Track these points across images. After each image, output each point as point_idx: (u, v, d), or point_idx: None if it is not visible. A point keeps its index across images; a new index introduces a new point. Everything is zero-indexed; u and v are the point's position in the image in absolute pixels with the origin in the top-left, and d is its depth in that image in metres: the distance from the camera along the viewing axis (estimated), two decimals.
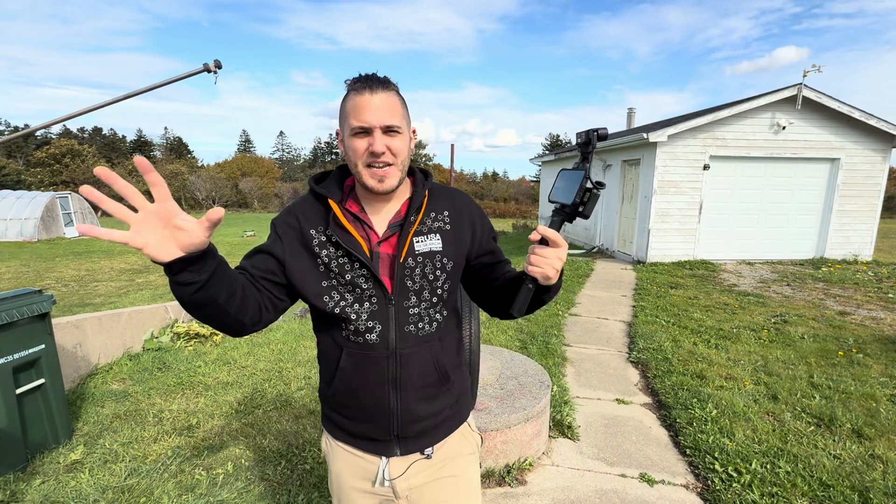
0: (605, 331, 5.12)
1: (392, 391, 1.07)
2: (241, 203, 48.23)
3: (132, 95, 3.62)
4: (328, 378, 1.12)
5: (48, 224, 16.58)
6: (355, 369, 1.06)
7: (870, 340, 4.58)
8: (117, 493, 2.27)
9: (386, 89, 0.99)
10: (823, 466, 2.48)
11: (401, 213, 1.09)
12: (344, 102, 1.02)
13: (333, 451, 1.18)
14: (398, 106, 1.01)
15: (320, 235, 1.05)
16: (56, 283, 8.65)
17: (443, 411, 1.13)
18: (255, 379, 3.63)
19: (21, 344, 2.45)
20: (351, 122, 0.99)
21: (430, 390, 1.10)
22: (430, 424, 1.12)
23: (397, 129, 1.00)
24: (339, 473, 1.16)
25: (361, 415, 1.10)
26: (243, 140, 77.09)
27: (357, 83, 0.99)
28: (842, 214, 9.57)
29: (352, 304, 1.04)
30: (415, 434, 1.10)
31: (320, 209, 1.08)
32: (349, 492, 1.15)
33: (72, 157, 39.16)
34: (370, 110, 0.97)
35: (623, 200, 10.66)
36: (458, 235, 1.11)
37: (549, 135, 65.99)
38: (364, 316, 1.04)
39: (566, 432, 2.90)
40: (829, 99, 8.87)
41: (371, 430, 1.10)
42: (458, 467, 1.17)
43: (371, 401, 1.08)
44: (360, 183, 1.04)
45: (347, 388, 1.09)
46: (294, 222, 1.07)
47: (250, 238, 17.83)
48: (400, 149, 1.01)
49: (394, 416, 1.08)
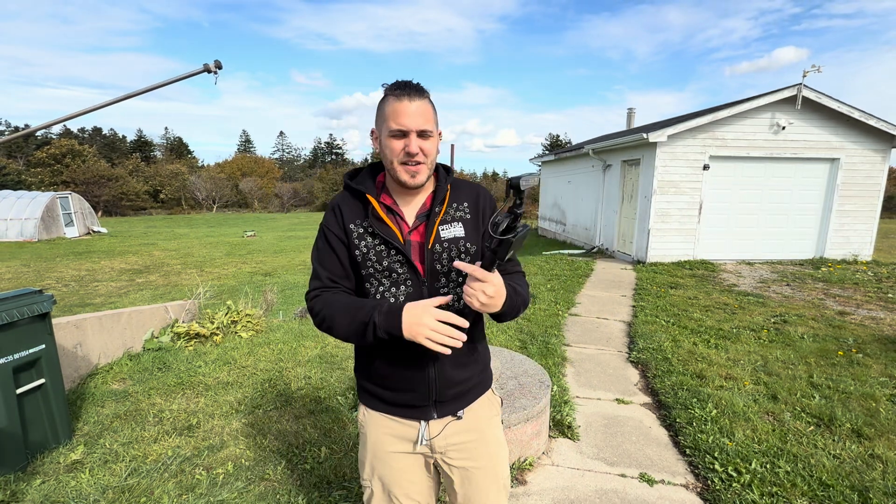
0: (604, 331, 5.12)
1: (430, 363, 1.22)
2: (241, 203, 48.22)
3: (132, 96, 3.63)
4: (370, 355, 1.26)
5: (48, 224, 16.59)
6: (396, 346, 1.17)
7: (869, 340, 4.59)
8: (117, 492, 2.27)
9: (421, 97, 1.14)
10: (823, 466, 2.48)
11: (426, 204, 1.24)
12: (383, 105, 1.16)
13: (372, 421, 1.31)
14: (431, 112, 1.16)
15: (358, 228, 1.20)
16: (56, 283, 8.65)
17: (472, 378, 1.30)
18: (255, 379, 3.63)
19: (21, 344, 2.45)
20: (390, 125, 1.13)
21: (461, 359, 1.26)
22: (462, 389, 1.28)
23: (430, 133, 1.15)
24: (376, 440, 1.29)
25: (403, 385, 1.24)
26: (243, 140, 77.08)
27: (397, 90, 1.13)
28: (841, 214, 9.57)
29: (389, 288, 1.19)
30: (450, 398, 1.26)
31: (358, 204, 1.22)
32: (388, 455, 1.29)
33: (72, 158, 39.13)
34: (408, 115, 1.11)
35: (623, 200, 10.66)
36: (476, 223, 1.25)
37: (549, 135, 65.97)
38: (402, 298, 1.18)
39: (566, 432, 2.90)
40: (829, 99, 8.87)
41: (412, 398, 1.24)
42: (483, 426, 1.33)
43: (411, 373, 1.22)
44: (394, 178, 1.18)
45: (388, 362, 1.23)
46: (339, 218, 1.22)
47: (250, 238, 17.83)
48: (430, 150, 1.16)
49: (432, 384, 1.23)
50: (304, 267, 10.52)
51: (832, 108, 8.94)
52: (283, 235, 18.84)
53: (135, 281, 8.95)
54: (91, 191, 36.55)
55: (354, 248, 1.19)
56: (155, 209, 43.34)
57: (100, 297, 7.41)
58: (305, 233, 19.89)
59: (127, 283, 8.78)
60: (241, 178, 49.64)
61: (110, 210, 39.09)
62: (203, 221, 29.51)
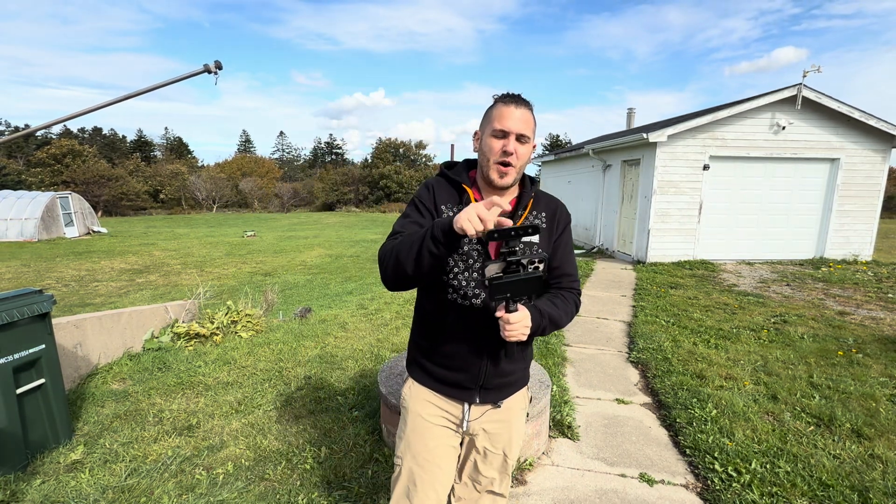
0: (604, 331, 5.12)
1: (485, 348, 1.33)
2: (241, 203, 48.17)
3: (133, 96, 3.63)
4: (434, 334, 1.38)
5: (48, 224, 16.59)
6: (459, 327, 1.32)
7: (869, 340, 4.59)
8: (117, 492, 2.27)
9: (526, 107, 1.27)
10: (823, 466, 2.48)
11: (511, 205, 1.33)
12: (490, 110, 1.30)
13: (417, 395, 1.43)
14: (532, 122, 1.28)
15: (449, 211, 1.31)
16: (56, 283, 8.65)
17: (515, 372, 1.42)
18: (255, 379, 3.63)
19: (21, 344, 2.45)
20: (494, 125, 1.25)
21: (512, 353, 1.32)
22: (506, 381, 1.40)
23: (527, 138, 1.26)
24: (418, 412, 1.41)
25: (457, 364, 1.36)
26: (243, 140, 76.98)
27: (507, 98, 1.27)
28: (841, 214, 9.57)
29: (463, 271, 1.29)
30: (494, 386, 1.38)
31: (452, 192, 1.35)
32: (426, 428, 1.39)
33: (72, 158, 39.12)
34: (512, 119, 1.23)
35: (623, 200, 10.66)
36: (550, 233, 1.36)
37: (549, 135, 65.87)
38: (472, 283, 1.29)
39: (566, 432, 2.90)
40: (829, 99, 8.87)
41: (462, 378, 1.36)
42: (514, 418, 1.47)
43: (468, 353, 1.34)
44: (485, 175, 1.29)
45: (451, 342, 1.35)
46: (430, 197, 1.33)
47: (250, 238, 17.82)
48: (524, 155, 1.27)
49: (483, 368, 1.35)
50: (304, 267, 10.52)
51: (832, 108, 8.94)
52: (283, 235, 18.85)
53: (135, 281, 8.95)
54: (91, 191, 36.53)
55: None
56: (155, 209, 43.32)
57: (100, 297, 7.41)
58: (305, 233, 19.90)
59: (127, 283, 8.78)
60: (241, 178, 49.59)
61: (110, 210, 39.07)
62: (203, 221, 29.51)
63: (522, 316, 1.14)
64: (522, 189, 1.38)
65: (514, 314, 1.13)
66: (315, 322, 5.23)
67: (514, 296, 1.09)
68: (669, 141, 8.92)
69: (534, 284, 1.09)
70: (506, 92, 1.30)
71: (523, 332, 1.14)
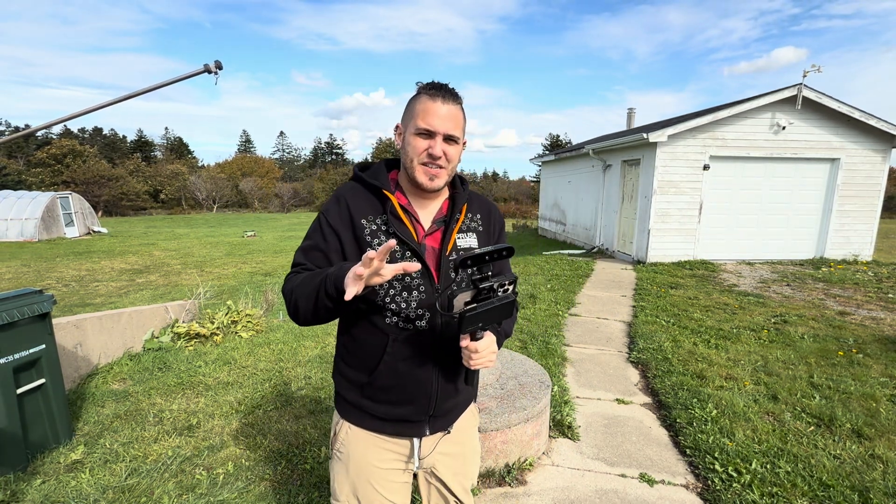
0: (605, 331, 5.12)
1: (434, 372, 1.17)
2: (241, 203, 48.21)
3: (133, 96, 3.63)
4: (370, 366, 1.17)
5: (49, 224, 16.59)
6: (402, 355, 1.14)
7: (870, 340, 4.58)
8: (118, 492, 2.27)
9: (455, 102, 1.11)
10: (823, 466, 2.48)
11: (443, 210, 1.20)
12: (413, 102, 1.12)
13: (356, 440, 1.23)
14: (461, 119, 1.13)
15: (371, 224, 1.12)
16: (56, 283, 8.65)
17: (464, 390, 1.28)
18: (255, 379, 3.63)
19: (22, 344, 2.45)
20: (418, 123, 1.09)
21: (459, 370, 1.20)
22: (456, 403, 1.26)
23: (457, 139, 1.12)
24: (360, 459, 1.22)
25: (403, 397, 1.18)
26: (244, 140, 77.01)
27: (432, 89, 1.10)
28: (842, 214, 9.56)
29: (400, 292, 1.11)
30: (444, 412, 1.23)
31: (372, 199, 1.15)
32: (375, 471, 1.22)
33: (73, 158, 39.15)
34: (438, 117, 1.07)
35: (623, 200, 10.66)
36: (488, 237, 1.24)
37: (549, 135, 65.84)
38: (413, 304, 1.12)
39: (566, 432, 2.90)
40: (829, 99, 8.86)
41: (409, 412, 1.19)
42: (467, 439, 1.35)
43: (415, 383, 1.17)
44: (411, 177, 1.13)
45: (393, 372, 1.16)
46: (346, 212, 1.13)
47: (250, 238, 17.83)
48: (453, 156, 1.12)
49: (433, 396, 1.18)
50: None
51: (832, 108, 8.93)
52: (283, 235, 18.84)
53: (135, 281, 8.95)
54: (91, 191, 36.55)
55: (366, 244, 1.10)
56: (155, 209, 43.33)
57: (100, 297, 7.41)
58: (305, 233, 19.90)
59: (127, 283, 8.78)
60: (242, 178, 49.63)
61: (110, 210, 39.08)
62: (203, 221, 29.51)
63: (490, 341, 1.02)
64: (454, 190, 1.22)
65: (482, 342, 1.01)
66: None
67: (487, 324, 0.97)
68: (670, 141, 8.92)
69: (507, 309, 0.98)
70: (432, 81, 1.11)
71: (491, 360, 1.03)
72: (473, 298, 0.95)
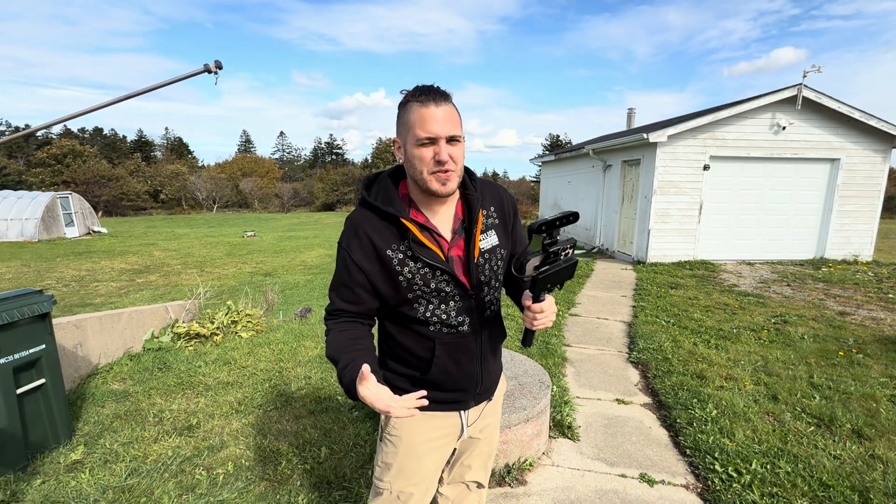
0: (605, 331, 5.12)
1: (479, 364, 1.28)
2: (241, 203, 48.20)
3: (133, 96, 3.63)
4: (418, 366, 1.26)
5: (49, 224, 16.59)
6: (449, 355, 1.23)
7: (870, 341, 4.58)
8: (118, 493, 2.27)
9: (447, 101, 1.08)
10: (823, 467, 2.48)
11: (458, 214, 1.21)
12: (405, 112, 1.09)
13: (409, 422, 1.27)
14: (457, 117, 1.11)
15: (397, 254, 1.14)
16: (57, 283, 8.65)
17: (499, 365, 1.41)
18: (255, 379, 3.63)
19: (22, 344, 2.45)
20: (417, 133, 1.06)
21: (496, 353, 1.36)
22: (495, 378, 1.39)
23: (459, 138, 1.09)
24: (413, 439, 1.28)
25: (452, 386, 1.27)
26: (244, 140, 77.03)
27: (421, 95, 1.06)
28: (842, 215, 9.56)
29: (439, 305, 1.19)
30: (487, 387, 1.35)
31: (389, 227, 1.14)
32: (425, 449, 1.29)
33: (73, 158, 39.16)
34: (437, 121, 1.05)
35: (623, 200, 10.66)
36: (505, 227, 1.28)
37: (549, 135, 65.85)
38: (453, 313, 1.20)
39: (566, 432, 2.90)
40: (830, 99, 8.86)
41: (458, 395, 1.29)
42: (499, 407, 1.47)
43: (462, 376, 1.27)
44: (423, 188, 1.12)
45: (443, 371, 1.24)
46: (368, 245, 1.14)
47: (250, 238, 17.82)
48: (459, 156, 1.11)
49: (479, 382, 1.30)
50: (304, 267, 10.52)
51: (832, 109, 8.93)
52: (283, 235, 18.85)
53: (135, 281, 8.95)
54: (91, 191, 36.56)
55: (397, 274, 1.14)
56: (155, 209, 43.33)
57: (100, 297, 7.40)
58: (305, 233, 19.90)
59: (127, 283, 8.78)
60: (242, 178, 49.61)
61: (110, 210, 39.08)
62: (203, 221, 29.52)
63: (551, 301, 1.10)
64: (465, 190, 1.21)
65: (545, 303, 1.08)
66: (315, 322, 5.23)
67: (554, 285, 1.06)
68: (670, 141, 8.92)
69: (571, 270, 1.08)
70: (417, 86, 1.09)
71: (552, 319, 1.11)
72: (543, 262, 1.02)
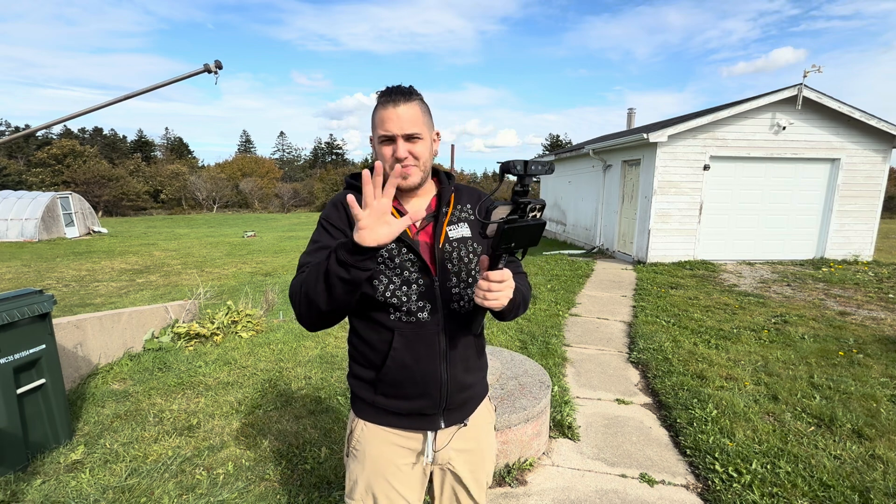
0: (605, 331, 5.12)
1: (442, 364, 1.20)
2: (241, 203, 48.19)
3: (133, 96, 3.63)
4: (377, 362, 1.21)
5: (49, 224, 16.59)
6: (409, 348, 1.17)
7: (870, 341, 4.58)
8: (118, 492, 2.27)
9: (408, 101, 1.12)
10: (824, 467, 2.48)
11: (431, 206, 1.24)
12: (374, 113, 1.16)
13: (372, 436, 1.25)
14: (419, 115, 1.14)
15: None
16: (57, 283, 8.65)
17: (477, 383, 1.30)
18: (255, 379, 3.63)
19: (22, 344, 2.45)
20: (378, 132, 1.13)
21: (470, 362, 1.26)
22: (469, 395, 1.28)
23: (418, 136, 1.13)
24: (376, 456, 1.24)
25: (415, 391, 1.20)
26: (244, 140, 77.02)
27: (383, 96, 1.13)
28: (842, 215, 9.56)
29: (400, 286, 1.16)
30: (458, 404, 1.25)
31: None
32: (391, 471, 1.24)
33: (73, 158, 39.16)
34: (393, 121, 1.11)
35: (623, 200, 10.66)
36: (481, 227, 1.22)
37: (549, 135, 65.95)
38: (414, 297, 1.16)
39: (566, 432, 2.90)
40: (830, 99, 8.86)
41: (422, 405, 1.21)
42: (483, 435, 1.35)
43: (424, 375, 1.19)
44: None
45: (401, 366, 1.18)
46: (344, 216, 1.19)
47: (250, 238, 17.82)
48: (421, 152, 1.15)
49: (444, 387, 1.20)
50: None
51: (833, 109, 8.93)
52: (283, 236, 18.84)
53: (135, 281, 8.95)
54: (91, 191, 36.56)
55: None
56: (155, 209, 43.33)
57: (100, 297, 7.40)
58: (306, 233, 19.89)
59: (127, 283, 8.78)
60: (242, 178, 49.61)
61: (111, 210, 39.09)
62: (203, 221, 29.52)
63: (508, 275, 1.03)
64: (440, 185, 1.27)
65: (500, 272, 1.01)
66: None
67: (520, 245, 0.97)
68: (670, 141, 8.91)
69: (538, 232, 0.97)
70: (386, 87, 1.15)
71: (507, 296, 1.03)
72: (511, 213, 0.93)
